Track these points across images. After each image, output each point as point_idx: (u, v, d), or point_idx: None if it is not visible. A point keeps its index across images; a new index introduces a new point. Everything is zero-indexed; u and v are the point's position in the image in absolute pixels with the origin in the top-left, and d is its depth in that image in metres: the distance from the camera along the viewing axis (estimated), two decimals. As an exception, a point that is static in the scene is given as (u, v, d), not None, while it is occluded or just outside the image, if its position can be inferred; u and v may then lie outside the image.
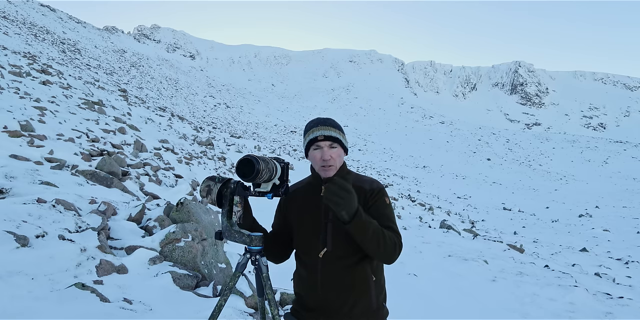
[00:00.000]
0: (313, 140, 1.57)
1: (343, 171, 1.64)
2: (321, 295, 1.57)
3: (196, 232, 3.86)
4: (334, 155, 1.57)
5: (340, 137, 1.59)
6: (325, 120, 1.62)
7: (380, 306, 1.61)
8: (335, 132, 1.58)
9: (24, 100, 10.35)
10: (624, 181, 60.34)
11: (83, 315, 2.28)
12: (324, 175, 1.60)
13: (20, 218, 3.07)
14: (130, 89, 46.76)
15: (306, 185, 1.70)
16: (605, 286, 7.11)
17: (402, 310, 4.29)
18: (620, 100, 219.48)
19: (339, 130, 1.61)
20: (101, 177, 6.21)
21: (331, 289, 1.55)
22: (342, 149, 1.61)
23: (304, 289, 1.65)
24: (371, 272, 1.58)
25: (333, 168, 1.58)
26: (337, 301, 1.55)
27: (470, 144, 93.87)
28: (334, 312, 1.56)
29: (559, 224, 22.26)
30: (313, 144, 1.58)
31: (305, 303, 1.65)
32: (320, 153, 1.57)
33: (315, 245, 1.58)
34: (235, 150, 24.87)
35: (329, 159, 1.56)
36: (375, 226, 1.43)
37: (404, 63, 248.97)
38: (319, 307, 1.59)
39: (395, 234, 1.51)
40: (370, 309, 1.58)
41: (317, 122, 1.61)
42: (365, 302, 1.56)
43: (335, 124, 1.63)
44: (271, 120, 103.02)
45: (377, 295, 1.60)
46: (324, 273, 1.56)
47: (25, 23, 53.36)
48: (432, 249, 8.68)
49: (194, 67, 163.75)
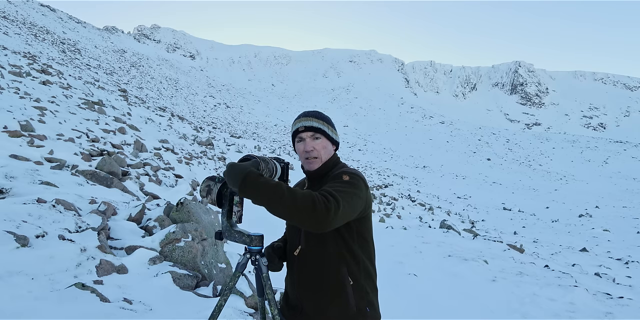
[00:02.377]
0: (296, 132, 1.54)
1: (329, 165, 1.55)
2: (298, 294, 1.57)
3: (196, 232, 3.86)
4: (317, 147, 1.51)
5: (324, 128, 1.52)
6: (309, 112, 1.57)
7: (362, 311, 1.49)
8: (318, 123, 1.52)
9: (24, 100, 10.35)
10: (624, 181, 60.37)
11: (83, 315, 2.28)
12: (308, 168, 1.55)
13: (20, 218, 3.07)
14: (130, 89, 46.75)
15: (301, 183, 1.70)
16: (605, 286, 7.10)
17: (401, 310, 4.30)
18: (620, 100, 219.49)
19: (324, 121, 1.54)
20: (101, 177, 6.21)
21: (306, 288, 1.54)
22: (328, 141, 1.54)
23: (288, 286, 1.66)
24: (348, 275, 1.48)
25: (317, 160, 1.52)
26: (310, 301, 1.52)
27: (470, 144, 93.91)
28: (309, 312, 1.53)
29: (559, 224, 22.26)
30: (296, 136, 1.54)
31: (288, 300, 1.65)
32: (302, 145, 1.53)
33: (294, 242, 1.59)
34: (235, 150, 24.87)
35: (311, 150, 1.51)
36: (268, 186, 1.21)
37: (404, 63, 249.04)
38: (297, 305, 1.58)
39: (322, 193, 1.26)
40: (346, 313, 1.47)
41: (300, 115, 1.57)
42: (340, 305, 1.47)
43: (320, 115, 1.56)
44: (271, 120, 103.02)
45: (357, 300, 1.48)
46: (299, 271, 1.55)
47: (25, 23, 53.36)
48: (432, 249, 8.67)
49: (194, 67, 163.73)
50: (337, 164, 1.59)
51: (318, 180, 1.56)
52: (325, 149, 1.53)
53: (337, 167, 1.57)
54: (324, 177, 1.54)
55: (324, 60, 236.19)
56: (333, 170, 1.55)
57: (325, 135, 1.53)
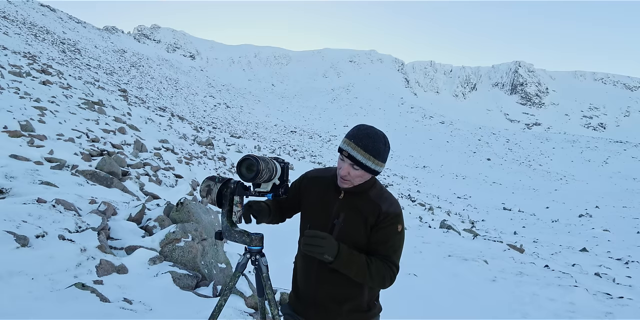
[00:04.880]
0: (340, 150, 1.48)
1: (368, 183, 1.55)
2: (314, 288, 1.59)
3: (196, 232, 3.86)
4: (352, 175, 1.47)
5: (367, 163, 1.43)
6: (361, 141, 1.42)
7: (372, 306, 1.62)
8: (364, 158, 1.41)
9: (24, 100, 10.35)
10: (624, 181, 60.41)
11: (83, 315, 2.28)
12: (340, 185, 1.55)
13: (20, 218, 3.07)
14: (130, 89, 46.74)
15: (329, 180, 1.62)
16: (605, 286, 7.10)
17: (402, 310, 4.29)
18: (620, 100, 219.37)
19: (371, 155, 1.42)
20: (101, 177, 6.21)
21: (325, 283, 1.57)
22: (368, 173, 1.49)
23: (301, 278, 1.66)
24: None
25: (349, 183, 1.51)
26: (328, 297, 1.57)
27: (470, 144, 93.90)
28: (324, 307, 1.58)
29: (559, 224, 22.26)
30: (340, 152, 1.48)
31: (299, 293, 1.67)
32: (341, 165, 1.50)
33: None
34: (235, 150, 24.88)
35: (346, 175, 1.48)
36: (360, 262, 1.43)
37: (404, 63, 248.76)
38: (311, 299, 1.61)
39: (389, 266, 1.49)
40: (360, 309, 1.58)
41: (353, 136, 1.44)
42: (356, 302, 1.57)
43: (371, 147, 1.42)
44: (271, 120, 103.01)
45: (370, 297, 1.60)
46: (321, 269, 1.56)
47: (25, 23, 53.33)
48: (432, 249, 8.68)
49: (194, 67, 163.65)
50: (375, 183, 1.59)
51: (357, 195, 1.56)
52: (360, 177, 1.50)
53: (376, 187, 1.58)
54: (362, 194, 1.55)
55: (324, 60, 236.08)
56: (372, 189, 1.57)
57: (366, 168, 1.47)
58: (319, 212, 1.59)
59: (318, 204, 1.60)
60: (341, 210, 1.54)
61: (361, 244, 1.52)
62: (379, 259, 1.49)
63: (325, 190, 1.60)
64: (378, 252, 1.51)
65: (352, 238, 1.51)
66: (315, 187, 1.64)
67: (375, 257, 1.50)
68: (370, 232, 1.51)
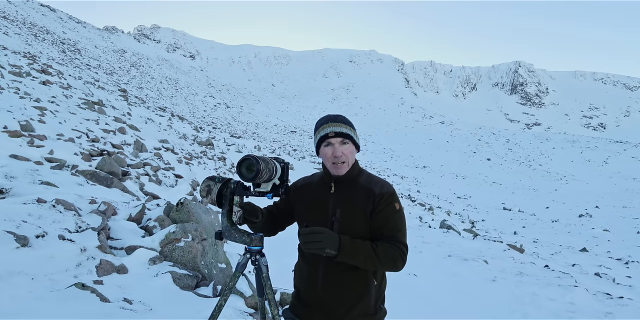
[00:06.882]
0: (324, 137, 1.55)
1: (355, 169, 1.61)
2: (320, 293, 1.57)
3: (196, 232, 3.86)
4: (346, 152, 1.55)
5: (352, 134, 1.57)
6: (336, 117, 1.60)
7: (378, 309, 1.61)
8: (347, 129, 1.56)
9: (24, 100, 10.35)
10: (624, 181, 60.39)
11: (83, 315, 2.28)
12: (335, 173, 1.58)
13: (20, 218, 3.07)
14: (130, 89, 46.74)
15: (317, 181, 1.69)
16: (605, 286, 7.10)
17: (402, 310, 4.29)
18: (620, 100, 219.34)
19: (350, 127, 1.59)
20: (101, 177, 6.21)
21: (331, 287, 1.55)
22: (354, 146, 1.60)
23: (304, 284, 1.64)
24: (373, 276, 1.56)
25: (345, 165, 1.56)
26: (335, 301, 1.55)
27: (470, 144, 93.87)
28: (330, 311, 1.56)
29: (559, 224, 22.26)
30: (324, 141, 1.56)
31: (304, 298, 1.64)
32: (331, 150, 1.55)
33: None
34: (235, 150, 24.87)
35: (341, 155, 1.54)
36: (365, 248, 1.43)
37: (404, 63, 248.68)
38: (316, 304, 1.59)
39: (397, 246, 1.49)
40: (367, 312, 1.57)
41: (327, 119, 1.60)
42: (363, 305, 1.55)
43: (346, 120, 1.61)
44: (271, 120, 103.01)
45: (376, 299, 1.59)
46: (327, 272, 1.55)
47: (25, 23, 53.32)
48: (432, 249, 8.67)
49: (194, 67, 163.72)
50: (361, 170, 1.66)
51: (347, 185, 1.59)
52: (352, 153, 1.58)
53: (363, 174, 1.64)
54: (352, 183, 1.59)
55: (324, 60, 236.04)
56: (361, 176, 1.62)
57: (352, 140, 1.58)
58: (315, 211, 1.60)
59: (312, 203, 1.62)
60: (337, 206, 1.55)
61: (364, 234, 1.53)
62: (385, 241, 1.50)
63: (316, 189, 1.65)
64: (383, 235, 1.52)
65: (354, 231, 1.51)
66: (306, 190, 1.68)
67: (381, 241, 1.50)
68: (371, 219, 1.53)
